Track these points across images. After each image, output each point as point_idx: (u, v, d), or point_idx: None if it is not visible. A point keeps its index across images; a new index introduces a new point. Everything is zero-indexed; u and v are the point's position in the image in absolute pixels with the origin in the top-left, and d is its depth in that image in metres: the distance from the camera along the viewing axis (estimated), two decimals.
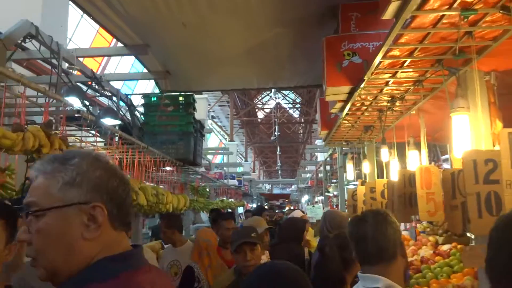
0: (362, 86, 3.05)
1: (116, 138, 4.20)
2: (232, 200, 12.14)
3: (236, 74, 4.86)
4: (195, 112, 5.64)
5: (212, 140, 26.31)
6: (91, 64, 9.62)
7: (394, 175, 4.01)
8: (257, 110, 33.79)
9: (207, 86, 5.78)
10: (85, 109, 3.66)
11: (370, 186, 4.54)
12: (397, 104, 3.56)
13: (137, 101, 6.01)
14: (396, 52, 2.40)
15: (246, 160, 32.00)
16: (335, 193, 9.88)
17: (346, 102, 3.67)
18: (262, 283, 1.33)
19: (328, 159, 10.77)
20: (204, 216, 10.37)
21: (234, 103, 27.03)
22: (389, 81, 2.97)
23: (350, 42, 3.38)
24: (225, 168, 12.44)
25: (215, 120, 29.78)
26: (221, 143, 25.12)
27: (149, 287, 0.97)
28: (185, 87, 5.25)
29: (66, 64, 4.22)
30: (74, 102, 3.84)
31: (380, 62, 2.55)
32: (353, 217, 1.88)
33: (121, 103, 5.44)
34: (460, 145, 2.30)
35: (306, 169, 20.35)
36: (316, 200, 14.10)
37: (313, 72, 4.74)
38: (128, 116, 5.58)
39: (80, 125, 3.92)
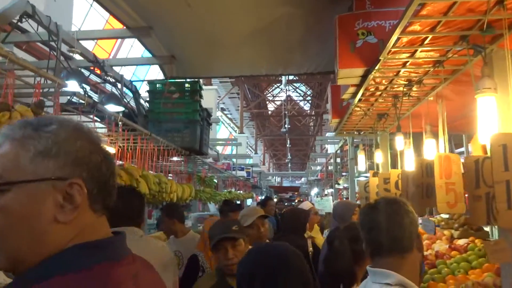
0: (377, 67, 2.83)
1: (119, 125, 4.07)
2: (241, 192, 11.99)
3: (244, 59, 4.65)
4: (201, 100, 5.46)
5: (222, 133, 26.17)
6: (100, 53, 9.50)
7: (410, 165, 3.80)
8: (267, 102, 33.55)
9: (214, 72, 5.57)
10: (82, 92, 3.49)
11: (384, 177, 4.33)
12: (414, 89, 3.34)
13: (144, 89, 5.86)
14: (416, 27, 2.18)
15: (256, 153, 31.87)
16: (345, 185, 9.66)
17: (359, 86, 3.44)
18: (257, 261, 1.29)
19: (339, 151, 10.54)
20: (212, 207, 10.25)
21: (244, 95, 26.83)
22: (407, 62, 2.75)
23: (365, 20, 3.13)
24: (233, 159, 12.27)
25: (225, 112, 29.64)
26: (231, 136, 24.89)
27: (131, 282, 0.79)
28: (191, 73, 5.06)
29: (67, 48, 4.07)
30: (73, 86, 3.69)
31: (398, 39, 2.33)
32: (365, 205, 1.69)
33: (127, 91, 5.30)
34: (486, 129, 2.08)
35: (316, 161, 20.12)
36: (325, 192, 13.89)
37: (325, 57, 4.51)
38: (133, 104, 5.43)
39: (78, 109, 3.79)
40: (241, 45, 4.29)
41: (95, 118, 3.91)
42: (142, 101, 5.37)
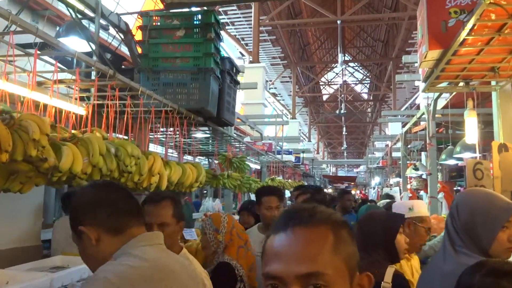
0: None
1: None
2: (289, 180, 10.20)
3: None
4: (220, 43, 3.74)
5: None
6: None
7: None
8: (321, 84, 31.35)
9: None
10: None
11: None
12: None
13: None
14: None
15: (309, 141, 29.89)
16: (421, 173, 7.56)
17: None
18: None
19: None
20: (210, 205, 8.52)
21: (297, 78, 24.93)
22: None
23: None
24: (280, 142, 10.46)
25: (277, 98, 27.87)
26: (281, 128, 23.20)
27: None
28: None
29: None
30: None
31: None
32: None
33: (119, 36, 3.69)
34: None
35: (375, 145, 17.79)
36: (390, 182, 11.72)
37: None
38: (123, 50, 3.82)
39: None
40: None
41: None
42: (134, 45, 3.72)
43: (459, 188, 10.93)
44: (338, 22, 15.68)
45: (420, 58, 2.85)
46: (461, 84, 3.25)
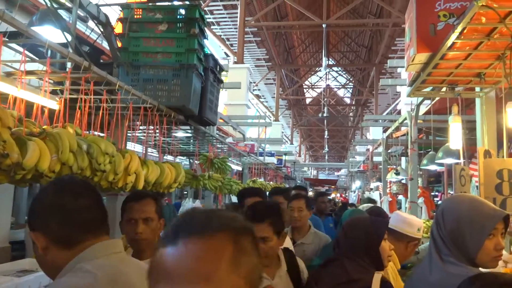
0: None
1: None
2: (270, 183, 10.13)
3: None
4: (204, 39, 3.63)
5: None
6: None
7: None
8: (305, 88, 31.47)
9: None
10: None
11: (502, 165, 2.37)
12: None
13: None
14: None
15: (291, 143, 29.93)
16: (401, 178, 7.58)
17: None
18: None
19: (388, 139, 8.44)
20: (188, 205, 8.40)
21: (281, 80, 24.92)
22: None
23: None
24: (263, 144, 10.37)
25: (261, 100, 27.80)
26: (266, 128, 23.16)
27: None
28: None
29: None
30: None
31: None
32: None
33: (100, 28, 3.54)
34: None
35: (357, 149, 17.90)
36: (371, 186, 11.77)
37: None
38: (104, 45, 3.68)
39: None
40: None
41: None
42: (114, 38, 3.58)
43: (436, 193, 11.06)
44: (323, 25, 15.73)
45: (407, 61, 2.80)
46: (446, 89, 3.22)
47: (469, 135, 4.62)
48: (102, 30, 3.46)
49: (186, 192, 11.08)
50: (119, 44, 3.52)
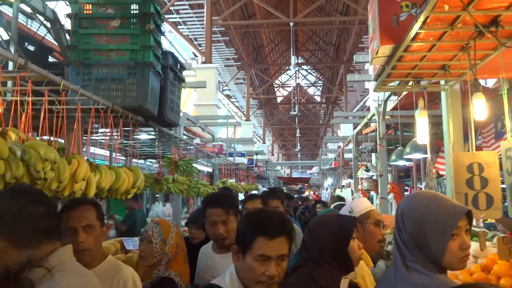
0: None
1: None
2: (241, 183, 9.97)
3: None
4: (161, 36, 3.44)
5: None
6: None
7: None
8: (276, 86, 31.50)
9: None
10: None
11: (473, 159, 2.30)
12: None
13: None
14: None
15: (264, 143, 29.89)
16: (372, 174, 7.59)
17: None
18: None
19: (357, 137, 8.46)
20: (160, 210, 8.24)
21: (251, 80, 24.82)
22: None
23: None
24: (232, 144, 10.20)
25: (232, 100, 27.61)
26: (237, 128, 23.08)
27: None
28: None
29: None
30: None
31: None
32: None
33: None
34: None
35: (328, 147, 18.00)
36: (343, 184, 11.80)
37: None
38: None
39: None
40: None
41: None
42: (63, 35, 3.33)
43: (406, 188, 11.20)
44: (291, 24, 15.72)
45: (372, 54, 2.71)
46: (412, 83, 3.16)
47: (435, 130, 4.61)
48: (50, 27, 3.22)
49: (157, 196, 10.83)
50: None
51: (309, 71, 30.18)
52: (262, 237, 1.50)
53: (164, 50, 3.60)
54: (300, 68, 27.92)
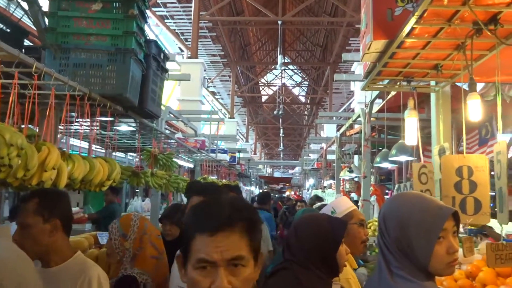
0: None
1: None
2: (223, 180, 9.83)
3: None
4: (145, 23, 3.29)
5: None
6: None
7: None
8: (261, 85, 31.42)
9: None
10: None
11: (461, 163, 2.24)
12: None
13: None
14: None
15: (247, 141, 29.77)
16: (354, 175, 7.55)
17: None
18: None
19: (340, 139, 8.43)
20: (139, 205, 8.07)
21: (237, 77, 24.65)
22: None
23: None
24: (215, 140, 10.06)
25: (216, 97, 27.39)
26: (222, 123, 22.90)
27: None
28: None
29: None
30: None
31: None
32: None
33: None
34: None
35: (311, 147, 18.01)
36: (324, 184, 11.78)
37: None
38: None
39: None
40: None
41: None
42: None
43: (387, 191, 11.25)
44: (279, 22, 15.64)
45: (363, 50, 2.61)
46: (401, 83, 3.09)
47: (422, 134, 4.58)
48: (26, 8, 3.04)
49: (137, 190, 10.62)
50: None
51: (295, 71, 30.17)
52: (201, 234, 0.98)
53: (148, 38, 3.45)
54: (286, 68, 27.87)
